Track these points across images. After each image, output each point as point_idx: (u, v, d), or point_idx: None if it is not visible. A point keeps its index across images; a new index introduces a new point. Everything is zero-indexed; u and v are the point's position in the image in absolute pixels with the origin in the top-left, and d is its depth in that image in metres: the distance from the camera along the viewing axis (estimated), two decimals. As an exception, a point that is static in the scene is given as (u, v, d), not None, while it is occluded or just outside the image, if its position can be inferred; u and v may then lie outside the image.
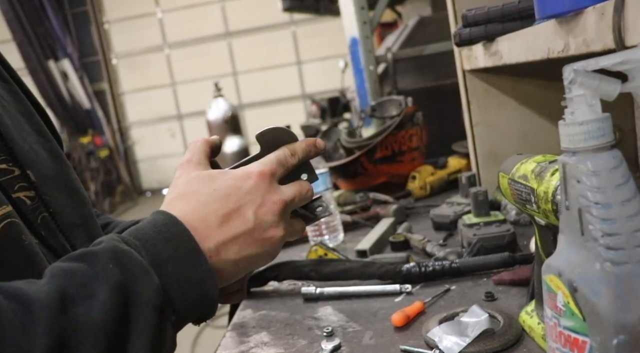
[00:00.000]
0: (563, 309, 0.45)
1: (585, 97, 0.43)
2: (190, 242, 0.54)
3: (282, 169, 0.62)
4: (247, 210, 0.58)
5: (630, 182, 0.43)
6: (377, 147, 1.56)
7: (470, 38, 1.02)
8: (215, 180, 0.59)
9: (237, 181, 0.59)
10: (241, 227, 0.58)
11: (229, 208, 0.58)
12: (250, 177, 0.59)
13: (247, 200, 0.58)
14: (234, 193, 0.58)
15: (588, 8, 0.60)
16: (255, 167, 0.61)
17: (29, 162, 0.66)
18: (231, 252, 0.57)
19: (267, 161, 0.62)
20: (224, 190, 0.58)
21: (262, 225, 0.59)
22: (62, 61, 6.28)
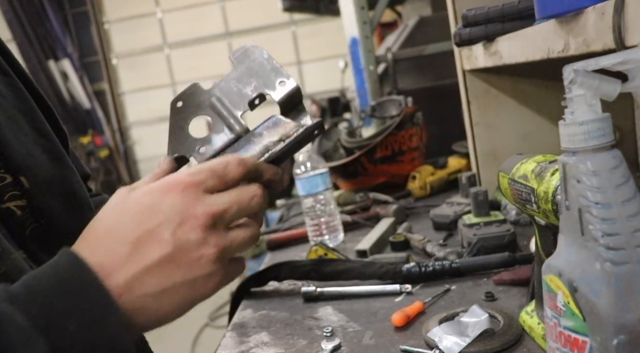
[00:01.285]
0: (563, 309, 0.45)
1: (585, 97, 0.43)
2: (99, 292, 0.45)
3: (215, 181, 0.51)
4: (163, 231, 0.48)
5: (630, 182, 0.43)
6: (377, 147, 1.56)
7: (470, 38, 1.02)
8: (127, 202, 0.50)
9: (152, 198, 0.49)
10: (157, 252, 0.47)
11: (139, 232, 0.48)
12: (169, 191, 0.49)
13: (163, 219, 0.48)
14: (145, 212, 0.48)
15: (588, 8, 0.60)
16: (177, 178, 0.50)
17: (24, 167, 0.63)
18: (149, 284, 0.47)
19: (197, 170, 0.51)
20: (133, 210, 0.49)
21: (185, 247, 0.48)
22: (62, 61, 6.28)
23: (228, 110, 0.68)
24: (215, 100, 0.68)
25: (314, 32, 6.24)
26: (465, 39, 1.03)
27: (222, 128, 0.68)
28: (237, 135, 0.67)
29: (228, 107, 0.68)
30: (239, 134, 0.67)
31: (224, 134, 0.68)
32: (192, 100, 0.69)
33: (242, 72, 0.69)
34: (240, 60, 0.70)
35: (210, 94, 0.69)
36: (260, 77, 0.69)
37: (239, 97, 0.69)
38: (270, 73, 0.69)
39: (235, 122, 0.68)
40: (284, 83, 0.68)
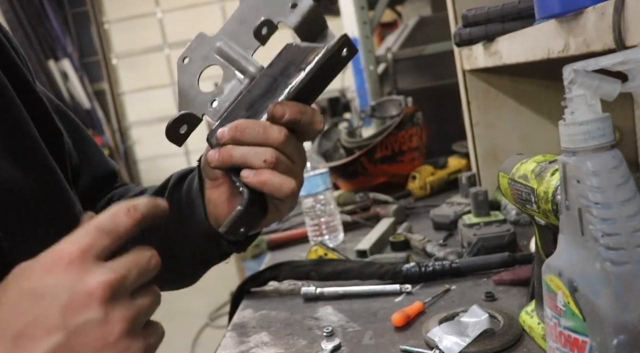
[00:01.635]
0: (563, 309, 0.45)
1: (585, 97, 0.43)
2: None
3: (105, 241, 0.42)
4: (48, 318, 0.39)
5: (630, 182, 0.43)
6: (377, 147, 1.56)
7: (470, 38, 1.02)
8: (5, 288, 0.41)
9: (29, 281, 0.40)
10: (43, 344, 0.38)
11: (20, 324, 0.39)
12: (48, 270, 0.40)
13: (46, 305, 0.39)
14: (25, 301, 0.40)
15: (588, 8, 0.60)
16: (60, 250, 0.41)
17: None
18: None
19: (81, 233, 0.42)
20: (12, 300, 0.40)
21: (82, 330, 0.39)
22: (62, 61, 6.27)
23: (237, 53, 0.60)
24: (223, 45, 0.61)
25: (314, 32, 6.25)
26: (465, 39, 1.03)
27: (233, 74, 0.61)
28: (251, 78, 0.60)
29: (237, 49, 0.60)
30: (253, 75, 0.60)
31: (236, 81, 0.61)
32: (198, 52, 0.62)
33: (246, 7, 0.60)
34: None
35: (215, 40, 0.61)
36: (267, 5, 0.60)
37: (247, 35, 0.60)
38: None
39: (246, 63, 0.60)
40: (295, 5, 0.58)
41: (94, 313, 0.40)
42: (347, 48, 0.56)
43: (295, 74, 0.57)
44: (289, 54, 0.59)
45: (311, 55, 0.56)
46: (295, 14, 0.58)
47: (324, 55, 0.55)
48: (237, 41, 0.61)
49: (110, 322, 0.40)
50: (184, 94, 0.61)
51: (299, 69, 0.56)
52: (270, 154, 0.57)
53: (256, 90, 0.59)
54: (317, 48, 0.56)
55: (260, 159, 0.57)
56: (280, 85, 0.57)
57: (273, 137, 0.57)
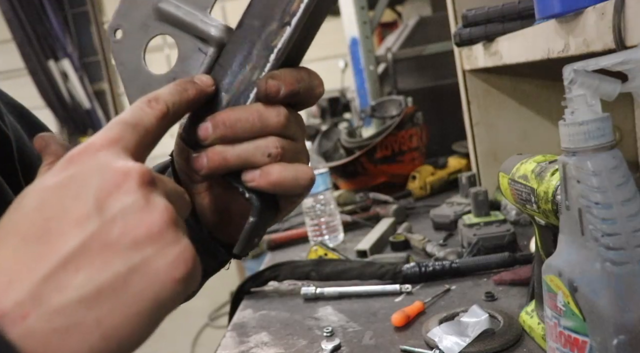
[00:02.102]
0: (563, 309, 0.45)
1: (585, 97, 0.43)
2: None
3: (132, 132, 0.36)
4: (79, 204, 0.31)
5: (630, 182, 0.43)
6: (377, 147, 1.56)
7: (470, 38, 1.02)
8: (24, 194, 0.33)
9: (52, 177, 0.33)
10: (76, 236, 0.31)
11: (45, 219, 0.31)
12: (72, 161, 0.34)
13: (74, 191, 0.32)
14: (49, 195, 0.32)
15: (588, 8, 0.60)
16: (84, 144, 0.35)
17: None
18: (72, 285, 0.30)
19: (106, 127, 0.36)
20: (34, 199, 0.32)
21: (119, 216, 0.31)
22: (62, 61, 6.27)
23: (188, 13, 0.45)
24: (165, 4, 0.46)
25: (314, 32, 6.25)
26: (465, 39, 1.03)
27: (192, 44, 0.46)
28: (217, 46, 0.45)
29: (185, 8, 0.45)
30: (219, 41, 0.45)
31: (198, 52, 0.46)
32: (133, 19, 0.46)
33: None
34: None
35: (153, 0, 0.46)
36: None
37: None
38: None
39: (205, 25, 0.45)
40: None
41: (133, 196, 0.32)
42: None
43: (278, 31, 0.43)
44: (262, 3, 0.44)
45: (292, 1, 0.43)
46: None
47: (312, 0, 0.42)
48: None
49: (152, 208, 0.32)
50: (131, 80, 0.46)
51: (282, 24, 0.43)
52: (273, 145, 0.44)
53: (230, 62, 0.45)
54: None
55: (263, 153, 0.44)
56: (261, 49, 0.44)
57: (272, 123, 0.44)
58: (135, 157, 0.35)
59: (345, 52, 2.19)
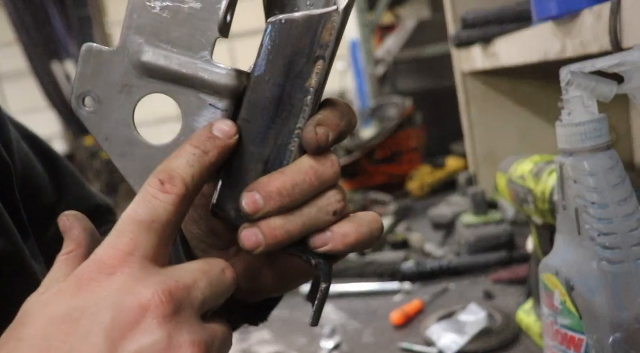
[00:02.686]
0: (560, 307, 0.46)
1: (581, 98, 0.44)
2: None
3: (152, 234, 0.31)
4: (89, 344, 0.28)
5: (626, 182, 0.43)
6: (377, 148, 1.56)
7: (468, 40, 1.03)
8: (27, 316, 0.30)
9: (58, 305, 0.29)
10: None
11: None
12: (81, 287, 0.29)
13: (85, 330, 0.28)
14: (54, 331, 0.29)
15: (585, 10, 0.60)
16: (92, 262, 0.30)
17: None
18: None
19: (115, 235, 0.31)
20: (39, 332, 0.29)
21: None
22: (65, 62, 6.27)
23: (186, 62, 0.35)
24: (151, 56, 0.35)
25: (313, 32, 6.24)
26: (464, 41, 1.04)
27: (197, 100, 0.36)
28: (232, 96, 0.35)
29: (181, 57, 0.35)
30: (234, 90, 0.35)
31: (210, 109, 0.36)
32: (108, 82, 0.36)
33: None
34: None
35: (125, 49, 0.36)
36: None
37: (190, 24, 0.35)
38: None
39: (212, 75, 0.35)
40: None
41: (152, 336, 0.28)
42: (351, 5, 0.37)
43: (310, 67, 0.35)
44: (283, 37, 0.35)
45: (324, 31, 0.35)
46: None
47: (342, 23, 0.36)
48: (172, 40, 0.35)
49: (175, 347, 0.28)
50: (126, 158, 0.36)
51: (314, 58, 0.35)
52: (336, 200, 0.37)
53: (255, 113, 0.36)
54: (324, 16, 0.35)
55: (327, 213, 0.36)
56: (293, 92, 0.35)
57: (329, 177, 0.36)
58: (156, 260, 0.30)
59: (345, 54, 2.20)
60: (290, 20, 0.35)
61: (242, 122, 0.36)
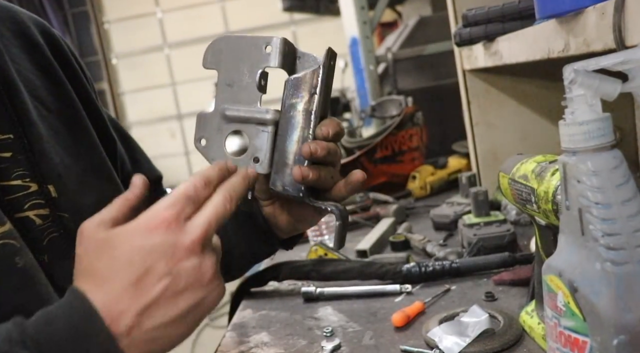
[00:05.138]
0: (563, 309, 0.45)
1: (585, 97, 0.43)
2: (108, 344, 0.48)
3: (191, 206, 0.53)
4: (158, 267, 0.50)
5: (630, 182, 0.43)
6: (377, 147, 1.56)
7: (470, 38, 1.02)
8: (115, 247, 0.51)
9: (137, 240, 0.51)
10: (157, 287, 0.50)
11: (137, 274, 0.50)
12: (151, 231, 0.51)
13: (155, 258, 0.50)
14: (137, 255, 0.50)
15: (588, 8, 0.60)
16: (158, 215, 0.51)
17: (54, 176, 0.66)
18: (156, 317, 0.50)
19: (172, 201, 0.52)
20: (125, 255, 0.50)
21: (183, 275, 0.51)
22: (71, 46, 6.27)
23: (246, 110, 0.66)
24: (229, 111, 0.66)
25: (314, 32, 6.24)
26: (466, 39, 1.03)
27: (256, 129, 0.66)
28: (273, 124, 0.66)
29: (244, 108, 0.66)
30: (274, 120, 0.65)
31: (263, 132, 0.66)
32: (209, 129, 0.67)
33: (227, 70, 0.67)
34: (216, 61, 0.67)
35: (218, 111, 0.67)
36: (245, 59, 0.66)
37: (245, 91, 0.66)
38: (251, 48, 0.65)
39: (261, 114, 0.66)
40: (269, 46, 0.65)
41: (192, 262, 0.51)
42: (332, 58, 0.65)
43: (310, 100, 0.64)
44: (294, 87, 0.65)
45: (314, 79, 0.64)
46: (274, 55, 0.65)
47: (324, 72, 0.64)
48: (239, 101, 0.66)
49: (203, 267, 0.51)
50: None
51: (311, 95, 0.64)
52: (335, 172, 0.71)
53: (286, 130, 0.65)
54: (314, 71, 0.64)
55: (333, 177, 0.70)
56: (305, 114, 0.65)
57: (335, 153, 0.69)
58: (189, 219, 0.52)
59: (345, 52, 2.19)
60: (295, 77, 0.66)
61: (279, 137, 0.67)
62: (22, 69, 0.69)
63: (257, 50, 0.65)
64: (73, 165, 0.69)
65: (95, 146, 0.74)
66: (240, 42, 0.66)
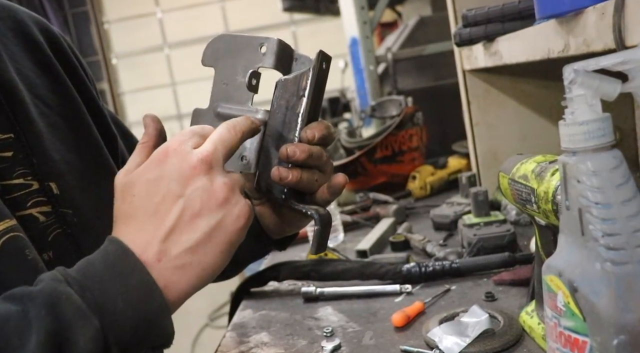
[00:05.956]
0: (563, 309, 0.45)
1: (585, 97, 0.43)
2: (142, 274, 0.50)
3: (197, 138, 0.55)
4: (173, 191, 0.52)
5: (630, 182, 0.43)
6: (377, 147, 1.56)
7: (470, 38, 1.02)
8: (132, 185, 0.54)
9: (150, 172, 0.54)
10: (174, 211, 0.52)
11: (154, 203, 0.52)
12: (164, 159, 0.54)
13: (167, 183, 0.53)
14: (151, 187, 0.53)
15: (588, 8, 0.60)
16: (166, 147, 0.55)
17: (56, 173, 0.66)
18: (181, 242, 0.52)
19: (178, 136, 0.56)
20: (142, 190, 0.53)
21: (196, 195, 0.52)
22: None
23: (237, 110, 0.65)
24: (221, 109, 0.66)
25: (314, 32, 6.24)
26: (466, 39, 1.03)
27: None
28: (262, 124, 0.65)
29: (235, 107, 0.65)
30: (263, 120, 0.65)
31: None
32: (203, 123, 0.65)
33: (223, 68, 0.66)
34: (214, 59, 0.67)
35: (211, 108, 0.67)
36: (240, 58, 0.65)
37: (238, 90, 0.65)
38: (247, 48, 0.65)
39: (251, 113, 0.65)
40: (264, 46, 0.64)
41: (202, 181, 0.52)
42: (325, 61, 0.64)
43: (298, 102, 0.64)
44: (283, 88, 0.65)
45: (303, 81, 0.64)
46: (268, 55, 0.64)
47: (314, 75, 0.63)
48: (231, 100, 0.66)
49: (214, 186, 0.53)
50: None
51: (299, 97, 0.64)
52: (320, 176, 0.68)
53: (273, 131, 0.66)
54: (304, 73, 0.64)
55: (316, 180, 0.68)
56: (292, 116, 0.65)
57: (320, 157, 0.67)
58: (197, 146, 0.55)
59: (345, 52, 2.19)
60: (286, 78, 0.65)
61: (266, 137, 0.66)
62: (21, 68, 0.69)
63: (253, 50, 0.65)
64: (74, 161, 0.70)
65: (96, 143, 0.75)
66: (237, 41, 0.65)
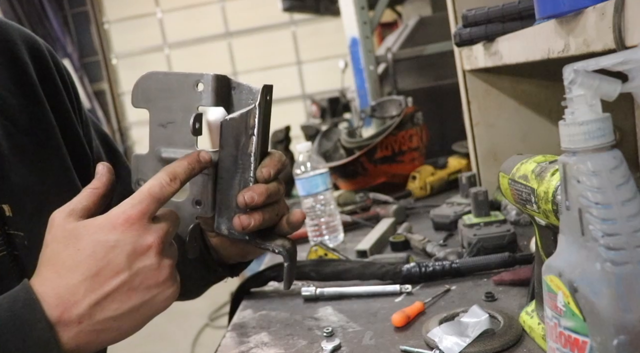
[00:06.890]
0: (563, 309, 0.45)
1: (585, 97, 0.43)
2: (44, 331, 0.50)
3: (156, 205, 0.56)
4: (118, 262, 0.53)
5: (630, 182, 0.43)
6: (377, 147, 1.56)
7: (470, 38, 1.02)
8: (80, 238, 0.54)
9: (102, 235, 0.54)
10: (114, 281, 0.53)
11: (97, 267, 0.53)
12: (115, 227, 0.54)
13: (116, 253, 0.53)
14: (99, 249, 0.53)
15: (588, 8, 0.60)
16: (124, 213, 0.54)
17: (9, 196, 0.65)
18: (109, 309, 0.53)
19: (137, 200, 0.55)
20: (89, 248, 0.53)
21: (142, 272, 0.54)
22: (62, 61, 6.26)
23: (183, 153, 0.61)
24: (164, 153, 0.62)
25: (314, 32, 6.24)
26: (466, 39, 1.03)
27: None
28: (213, 166, 0.63)
29: (180, 150, 0.62)
30: (213, 163, 0.63)
31: (203, 175, 0.63)
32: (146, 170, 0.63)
33: (158, 109, 0.62)
34: (145, 100, 0.63)
35: (152, 153, 0.63)
36: (175, 98, 0.61)
37: (180, 133, 0.62)
38: (182, 86, 0.61)
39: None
40: (201, 83, 0.61)
41: (151, 260, 0.54)
42: (269, 94, 0.63)
43: (248, 141, 0.62)
44: (229, 129, 0.63)
45: (250, 119, 0.62)
46: (206, 94, 0.60)
47: (260, 112, 0.62)
48: (174, 143, 0.62)
49: (161, 267, 0.55)
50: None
51: (249, 136, 0.62)
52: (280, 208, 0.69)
53: (226, 172, 0.64)
54: (250, 111, 0.62)
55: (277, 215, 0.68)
56: (243, 156, 0.63)
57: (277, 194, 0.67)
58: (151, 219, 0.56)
59: (346, 52, 2.19)
60: (232, 118, 0.63)
61: (219, 179, 0.64)
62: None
63: (188, 88, 0.61)
64: (35, 184, 0.68)
65: (64, 166, 0.73)
66: (170, 80, 0.61)
